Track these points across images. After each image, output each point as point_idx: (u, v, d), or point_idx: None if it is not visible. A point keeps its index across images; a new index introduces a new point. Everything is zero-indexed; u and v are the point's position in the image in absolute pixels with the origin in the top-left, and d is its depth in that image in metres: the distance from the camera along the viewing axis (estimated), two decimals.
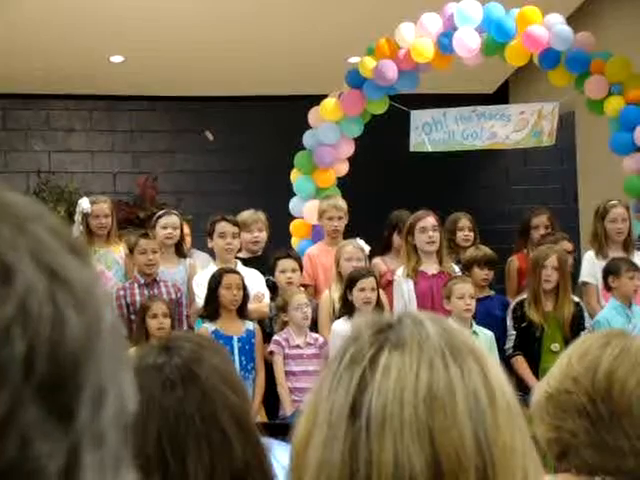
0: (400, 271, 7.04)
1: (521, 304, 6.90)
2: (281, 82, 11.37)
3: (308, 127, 8.82)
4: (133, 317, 6.71)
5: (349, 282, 6.66)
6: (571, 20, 8.97)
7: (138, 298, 6.80)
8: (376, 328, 1.20)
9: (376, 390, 1.13)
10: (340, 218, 7.69)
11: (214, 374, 1.78)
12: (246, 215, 7.70)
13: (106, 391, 0.70)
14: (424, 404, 1.13)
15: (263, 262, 7.40)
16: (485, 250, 7.39)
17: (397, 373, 1.14)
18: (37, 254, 0.68)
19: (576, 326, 6.76)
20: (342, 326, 6.52)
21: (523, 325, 6.82)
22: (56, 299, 0.68)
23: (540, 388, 1.87)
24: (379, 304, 6.66)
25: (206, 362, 1.80)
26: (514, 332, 6.86)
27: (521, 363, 6.79)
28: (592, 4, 10.52)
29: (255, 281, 7.01)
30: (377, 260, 7.56)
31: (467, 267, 7.26)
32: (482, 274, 7.24)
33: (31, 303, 0.66)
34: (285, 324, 6.76)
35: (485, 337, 6.66)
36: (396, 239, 7.61)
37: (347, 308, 6.65)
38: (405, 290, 6.93)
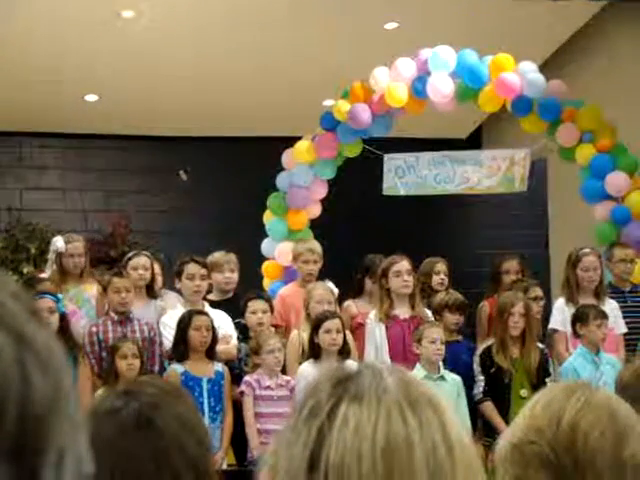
0: (372, 314, 7.03)
1: (488, 350, 6.90)
2: (255, 123, 11.39)
3: (282, 169, 8.83)
4: (104, 355, 6.67)
5: (315, 324, 6.65)
6: (544, 68, 9.06)
7: (111, 335, 6.77)
8: (335, 380, 1.19)
9: (334, 442, 1.12)
10: (315, 262, 7.70)
11: (173, 420, 1.76)
12: (217, 256, 7.70)
13: (66, 453, 0.71)
14: (382, 456, 1.12)
15: (234, 304, 7.37)
16: (456, 295, 7.40)
17: (355, 425, 1.13)
18: (3, 318, 0.69)
19: (542, 373, 6.78)
20: (308, 369, 6.50)
21: (492, 371, 6.82)
22: (23, 361, 0.69)
23: (504, 438, 1.85)
24: (346, 346, 6.65)
25: (165, 408, 1.78)
26: (482, 377, 6.86)
27: (490, 408, 6.78)
28: (564, 53, 10.64)
29: (222, 323, 6.99)
30: (349, 302, 7.58)
31: (438, 312, 7.26)
32: (453, 319, 7.25)
33: None
34: (257, 366, 6.72)
35: (453, 382, 6.66)
36: (368, 283, 7.62)
37: (314, 350, 6.63)
38: (377, 333, 6.91)
